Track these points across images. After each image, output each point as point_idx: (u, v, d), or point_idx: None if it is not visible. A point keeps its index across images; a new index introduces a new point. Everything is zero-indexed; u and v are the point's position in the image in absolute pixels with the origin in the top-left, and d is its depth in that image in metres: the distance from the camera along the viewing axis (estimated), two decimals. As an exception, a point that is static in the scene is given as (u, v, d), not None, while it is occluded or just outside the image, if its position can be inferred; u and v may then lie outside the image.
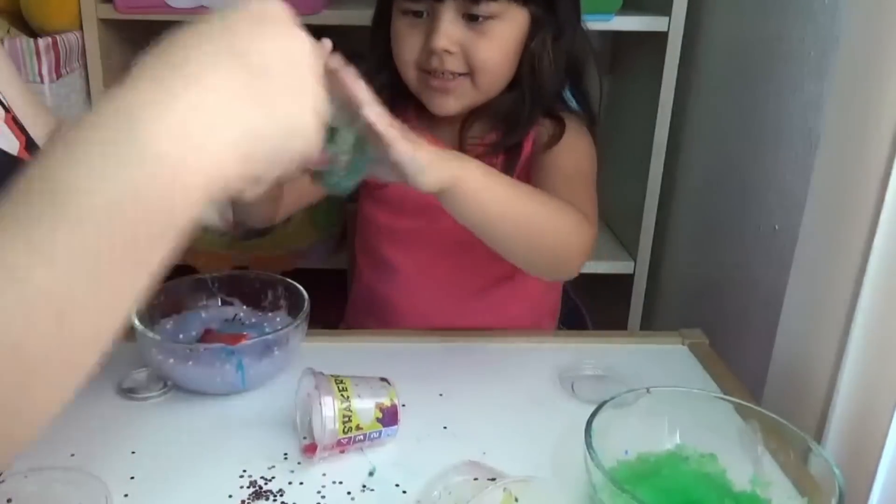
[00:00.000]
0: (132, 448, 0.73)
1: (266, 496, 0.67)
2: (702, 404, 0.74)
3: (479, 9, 0.88)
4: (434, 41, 0.88)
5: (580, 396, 0.83)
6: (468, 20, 0.89)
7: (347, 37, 1.43)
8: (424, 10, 0.90)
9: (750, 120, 1.13)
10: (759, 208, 1.09)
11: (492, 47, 0.90)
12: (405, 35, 0.92)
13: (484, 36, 0.89)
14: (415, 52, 0.92)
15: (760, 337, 1.06)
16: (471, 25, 0.89)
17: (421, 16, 0.91)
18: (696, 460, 0.70)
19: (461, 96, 0.93)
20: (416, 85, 0.95)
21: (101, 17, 1.26)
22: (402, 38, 0.93)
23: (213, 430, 0.76)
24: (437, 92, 0.93)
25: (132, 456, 0.72)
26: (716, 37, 1.27)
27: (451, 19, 0.88)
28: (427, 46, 0.90)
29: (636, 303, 1.41)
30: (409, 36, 0.92)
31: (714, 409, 0.82)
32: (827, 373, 0.90)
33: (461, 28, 0.89)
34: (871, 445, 0.84)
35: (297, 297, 0.85)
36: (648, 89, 1.32)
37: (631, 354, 0.91)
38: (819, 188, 0.94)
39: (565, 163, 0.94)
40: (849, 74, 0.89)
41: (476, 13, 0.88)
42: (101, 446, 0.73)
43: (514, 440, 0.75)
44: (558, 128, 0.96)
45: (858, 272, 0.85)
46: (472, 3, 0.87)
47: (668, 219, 1.41)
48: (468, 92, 0.93)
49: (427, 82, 0.93)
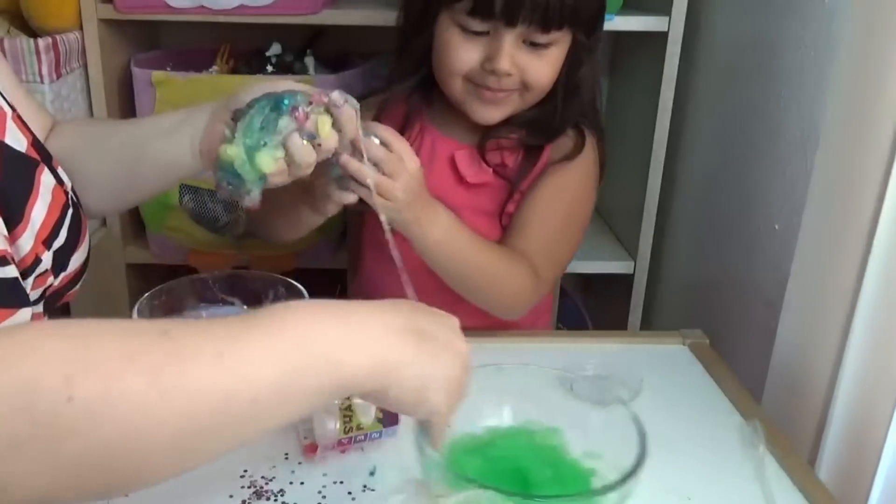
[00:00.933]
0: (132, 448, 0.72)
1: (267, 496, 0.67)
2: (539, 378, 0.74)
3: (543, 38, 0.91)
4: (498, 63, 0.91)
5: (580, 396, 0.83)
6: (529, 44, 0.92)
7: (347, 36, 1.44)
8: (488, 30, 0.92)
9: (750, 120, 1.13)
10: (759, 208, 1.09)
11: (546, 68, 0.94)
12: (459, 48, 0.93)
13: (541, 59, 0.93)
14: (468, 66, 0.93)
15: (760, 337, 1.06)
16: (530, 49, 0.92)
17: (480, 34, 0.93)
18: (540, 434, 0.70)
19: (506, 107, 0.97)
20: (461, 94, 0.97)
21: (101, 17, 1.26)
22: (454, 51, 0.94)
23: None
24: (486, 103, 0.96)
25: (132, 456, 0.71)
26: (716, 37, 1.27)
27: (514, 43, 0.91)
28: (487, 66, 0.92)
29: (636, 303, 1.41)
30: (464, 51, 0.93)
31: (714, 408, 0.82)
32: (827, 373, 0.91)
33: (521, 51, 0.92)
34: (870, 445, 0.84)
35: (298, 296, 0.85)
36: (648, 89, 1.32)
37: (631, 354, 0.91)
38: (819, 188, 0.94)
39: (565, 196, 0.99)
40: (849, 74, 0.89)
41: (538, 42, 0.91)
42: (102, 446, 0.72)
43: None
44: (580, 139, 1.00)
45: (858, 272, 0.85)
46: (538, 33, 0.90)
47: (668, 219, 1.41)
48: (514, 103, 0.97)
49: (477, 93, 0.96)
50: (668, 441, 0.76)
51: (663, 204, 1.36)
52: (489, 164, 1.00)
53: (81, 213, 0.74)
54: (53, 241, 0.68)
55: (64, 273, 0.70)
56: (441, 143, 1.02)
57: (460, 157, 1.00)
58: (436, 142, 1.02)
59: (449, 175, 1.01)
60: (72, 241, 0.71)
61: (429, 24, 0.95)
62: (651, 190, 1.34)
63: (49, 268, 0.67)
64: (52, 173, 0.70)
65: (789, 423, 0.95)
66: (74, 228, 0.71)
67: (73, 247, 0.71)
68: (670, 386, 0.85)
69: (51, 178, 0.70)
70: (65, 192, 0.71)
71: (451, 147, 1.01)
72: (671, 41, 1.26)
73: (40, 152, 0.70)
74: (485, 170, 1.00)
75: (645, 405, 0.82)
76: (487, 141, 0.99)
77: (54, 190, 0.70)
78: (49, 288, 0.69)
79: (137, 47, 1.40)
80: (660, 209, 1.36)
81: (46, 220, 0.67)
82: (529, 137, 1.00)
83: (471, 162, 1.00)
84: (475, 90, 0.95)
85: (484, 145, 0.99)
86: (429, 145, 1.02)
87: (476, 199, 1.01)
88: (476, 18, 0.90)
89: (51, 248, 0.67)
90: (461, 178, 1.00)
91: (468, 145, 1.01)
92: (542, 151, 1.00)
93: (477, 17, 0.90)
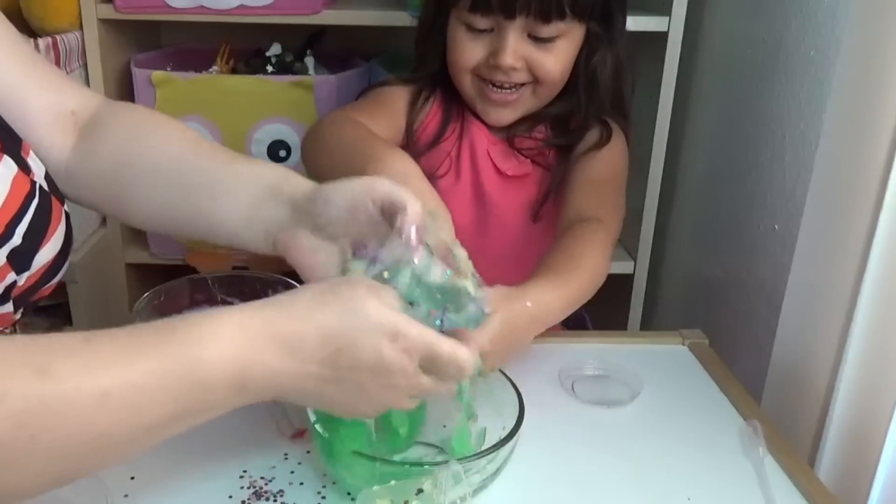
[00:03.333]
0: (132, 448, 0.72)
1: (266, 497, 0.67)
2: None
3: (545, 30, 0.91)
4: (502, 59, 0.92)
5: (580, 396, 0.83)
6: (534, 38, 0.92)
7: (347, 36, 1.44)
8: (492, 27, 0.93)
9: (750, 120, 1.13)
10: (759, 208, 1.09)
11: (555, 61, 0.94)
12: (466, 45, 0.95)
13: (548, 52, 0.93)
14: (474, 62, 0.95)
15: (760, 337, 1.06)
16: (536, 43, 0.93)
17: (486, 31, 0.94)
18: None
19: (518, 107, 0.98)
20: (472, 92, 0.98)
21: (101, 17, 1.26)
22: (461, 47, 0.95)
23: (213, 431, 0.76)
24: (496, 105, 0.97)
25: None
26: (716, 37, 1.27)
27: (518, 37, 0.92)
28: (492, 61, 0.93)
29: (636, 303, 1.41)
30: (470, 48, 0.94)
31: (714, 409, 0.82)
32: (827, 373, 0.91)
33: (526, 44, 0.92)
34: (870, 445, 0.84)
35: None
36: (648, 89, 1.32)
37: (631, 354, 0.91)
38: (819, 188, 0.94)
39: (604, 168, 0.99)
40: (849, 74, 0.89)
41: (542, 35, 0.92)
42: (102, 446, 0.72)
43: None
44: (606, 131, 1.00)
45: (858, 272, 0.85)
46: (539, 25, 0.91)
47: (668, 219, 1.41)
48: (527, 101, 0.98)
49: (485, 93, 0.97)
50: (668, 441, 0.77)
51: (663, 204, 1.36)
52: (525, 156, 1.01)
53: (53, 203, 0.66)
54: (7, 240, 0.60)
55: (28, 273, 0.63)
56: (480, 135, 1.03)
57: (495, 152, 1.02)
58: (476, 133, 1.03)
59: (490, 166, 1.02)
60: (34, 238, 0.63)
61: (441, 24, 0.97)
62: (651, 190, 1.34)
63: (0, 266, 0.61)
64: (14, 160, 0.62)
65: (789, 423, 0.94)
66: (39, 222, 0.63)
67: (37, 244, 0.63)
68: (670, 386, 0.85)
69: (10, 167, 0.62)
70: (31, 182, 0.63)
71: (488, 140, 1.03)
72: (671, 41, 1.26)
73: (1, 137, 0.63)
74: (523, 161, 1.01)
75: (645, 405, 0.82)
76: (514, 138, 1.00)
77: (14, 180, 0.61)
78: (13, 287, 0.62)
79: (137, 47, 1.40)
80: (660, 209, 1.36)
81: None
82: (555, 136, 1.01)
83: (506, 156, 1.02)
84: (483, 90, 0.96)
85: (513, 140, 1.00)
86: (471, 136, 1.03)
87: (515, 191, 1.03)
88: (477, 14, 0.92)
89: (3, 247, 0.60)
90: (501, 172, 1.02)
91: (501, 140, 1.02)
92: (570, 151, 1.01)
93: (478, 12, 0.91)
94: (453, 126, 1.02)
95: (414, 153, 1.00)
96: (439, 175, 1.02)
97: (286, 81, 1.27)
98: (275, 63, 1.38)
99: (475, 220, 1.04)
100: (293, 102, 1.27)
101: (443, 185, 1.04)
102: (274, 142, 1.30)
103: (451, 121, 1.02)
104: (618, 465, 0.73)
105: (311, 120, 1.27)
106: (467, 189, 1.04)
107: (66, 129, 0.72)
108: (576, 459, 0.74)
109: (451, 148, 1.03)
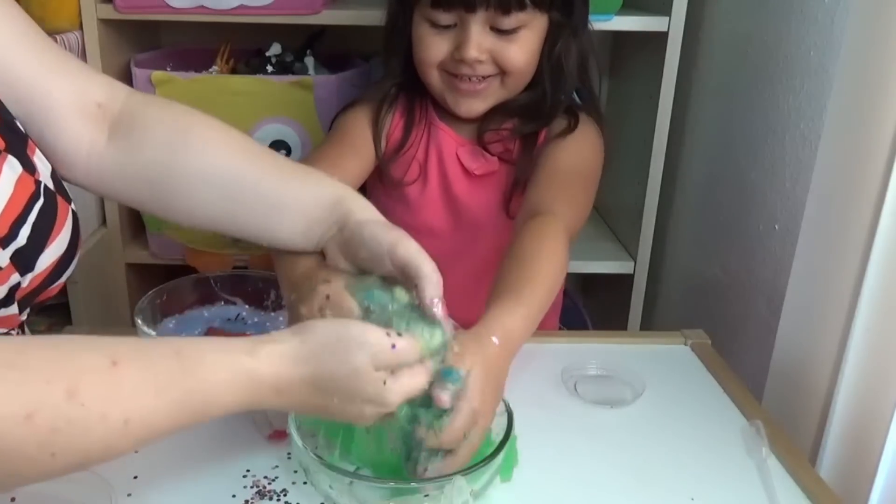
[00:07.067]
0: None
1: (269, 496, 0.67)
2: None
3: (507, 21, 0.92)
4: (465, 52, 0.93)
5: (583, 396, 0.83)
6: (496, 30, 0.93)
7: (347, 36, 1.44)
8: (455, 22, 0.94)
9: (750, 120, 1.13)
10: (759, 208, 1.09)
11: (518, 51, 0.95)
12: (430, 41, 0.96)
13: (512, 42, 0.94)
14: (440, 57, 0.96)
15: (761, 337, 1.06)
16: (498, 34, 0.93)
17: (449, 27, 0.94)
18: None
19: (488, 97, 0.98)
20: (440, 87, 0.99)
21: (101, 17, 1.25)
22: (426, 44, 0.96)
23: (216, 430, 0.76)
24: (466, 95, 0.97)
25: (136, 456, 0.70)
26: (716, 37, 1.27)
27: (480, 30, 0.92)
28: (457, 55, 0.94)
29: (636, 303, 1.41)
30: (434, 43, 0.95)
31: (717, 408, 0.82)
32: (827, 372, 0.91)
33: (489, 36, 0.93)
34: (871, 445, 0.84)
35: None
36: (648, 89, 1.32)
37: (633, 354, 0.91)
38: (819, 188, 0.95)
39: (568, 159, 0.98)
40: (849, 74, 0.89)
41: (504, 27, 0.93)
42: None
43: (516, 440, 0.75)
44: (572, 121, 1.00)
45: (858, 272, 0.85)
46: (500, 17, 0.92)
47: (668, 219, 1.41)
48: (496, 92, 0.98)
49: (454, 85, 0.97)
50: (671, 441, 0.77)
51: (663, 204, 1.36)
52: (492, 154, 1.02)
53: (59, 202, 0.65)
54: (11, 241, 0.59)
55: (32, 274, 0.62)
56: (446, 138, 1.04)
57: (463, 153, 1.03)
58: (443, 136, 1.04)
59: (458, 168, 1.04)
60: (38, 238, 0.62)
61: (406, 23, 0.98)
62: (651, 190, 1.34)
63: (3, 267, 0.60)
64: (19, 160, 0.62)
65: (790, 421, 0.95)
66: (44, 223, 0.63)
67: (42, 244, 0.63)
68: (673, 386, 0.85)
69: (14, 167, 0.61)
70: (35, 182, 0.62)
71: (456, 142, 1.04)
72: (671, 41, 1.26)
73: (7, 137, 0.62)
74: (490, 160, 1.02)
75: (648, 405, 0.82)
76: (485, 134, 1.01)
77: (19, 181, 0.61)
78: (17, 288, 0.62)
79: (137, 47, 1.40)
80: (660, 209, 1.36)
81: (2, 218, 0.59)
82: (523, 125, 1.01)
83: (474, 156, 1.03)
84: (452, 82, 0.97)
85: (483, 139, 1.01)
86: (437, 139, 1.04)
87: (484, 190, 1.03)
88: (440, 10, 0.93)
89: (6, 248, 0.59)
90: (468, 172, 1.03)
91: (469, 141, 1.03)
92: (538, 137, 1.01)
93: (440, 8, 0.93)
94: (419, 132, 1.03)
95: (384, 163, 1.02)
96: (407, 182, 1.04)
97: (286, 81, 1.27)
98: (275, 63, 1.37)
99: (448, 222, 1.05)
100: (293, 102, 1.27)
101: (412, 192, 1.05)
102: (274, 142, 1.30)
103: (415, 126, 1.03)
104: (621, 464, 0.73)
105: (312, 120, 1.27)
106: (436, 193, 1.05)
107: (94, 122, 0.71)
108: (579, 459, 0.74)
109: (418, 154, 1.04)
